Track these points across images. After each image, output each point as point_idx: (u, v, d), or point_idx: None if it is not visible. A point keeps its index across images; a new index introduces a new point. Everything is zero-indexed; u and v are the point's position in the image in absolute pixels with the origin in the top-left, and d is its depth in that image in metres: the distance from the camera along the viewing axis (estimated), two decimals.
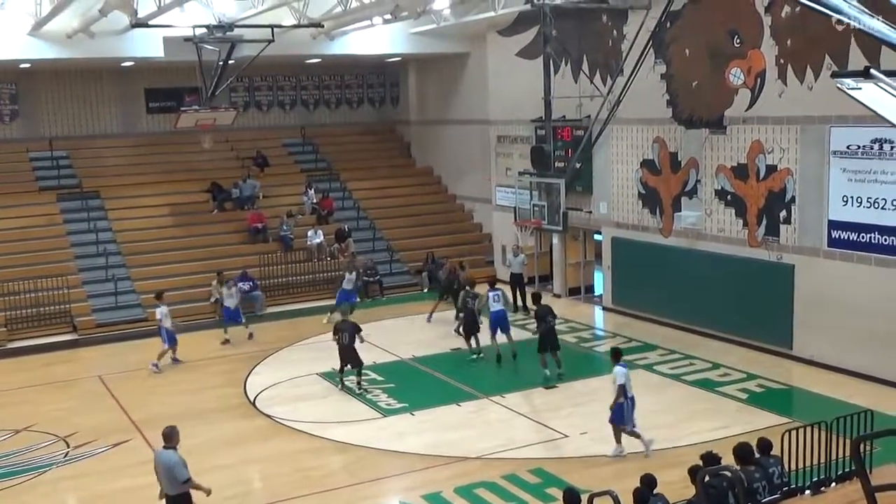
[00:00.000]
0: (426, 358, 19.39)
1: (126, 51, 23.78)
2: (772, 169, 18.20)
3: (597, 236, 23.95)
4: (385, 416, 15.91)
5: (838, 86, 6.12)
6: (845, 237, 16.82)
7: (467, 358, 19.11)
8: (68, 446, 14.99)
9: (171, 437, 10.48)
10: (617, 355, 14.02)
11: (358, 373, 17.17)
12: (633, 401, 13.56)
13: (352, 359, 17.13)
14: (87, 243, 25.51)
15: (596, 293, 24.60)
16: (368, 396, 16.89)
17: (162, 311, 19.40)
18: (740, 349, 18.84)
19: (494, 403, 16.37)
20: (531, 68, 23.92)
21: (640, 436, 13.50)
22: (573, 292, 24.81)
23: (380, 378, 18.03)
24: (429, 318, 22.46)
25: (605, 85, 21.89)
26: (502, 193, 26.95)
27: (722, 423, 14.63)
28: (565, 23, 22.65)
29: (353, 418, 15.76)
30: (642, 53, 19.68)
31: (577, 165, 22.66)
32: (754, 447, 9.91)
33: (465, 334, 19.31)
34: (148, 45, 23.37)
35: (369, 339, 19.53)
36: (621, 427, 13.53)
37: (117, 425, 15.91)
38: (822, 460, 10.85)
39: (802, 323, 17.83)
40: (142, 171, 28.59)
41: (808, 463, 10.80)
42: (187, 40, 21.67)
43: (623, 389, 13.43)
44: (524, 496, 12.34)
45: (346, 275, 23.01)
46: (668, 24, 19.62)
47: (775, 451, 10.14)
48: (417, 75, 32.25)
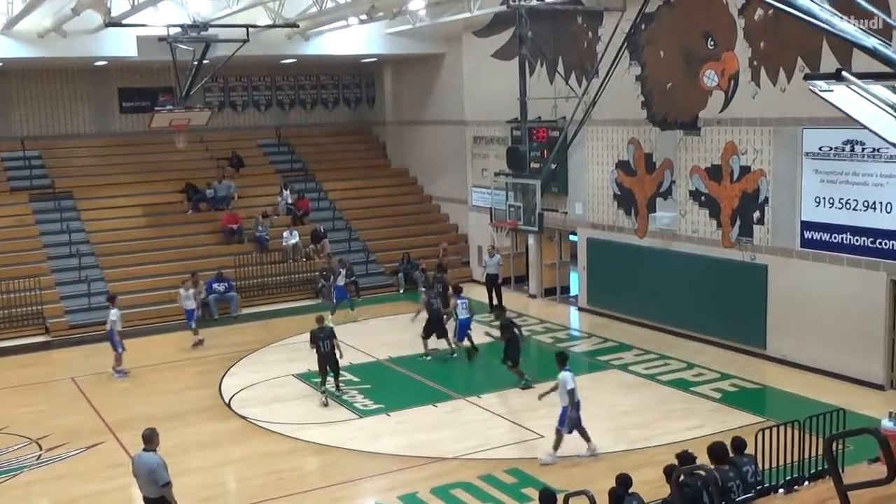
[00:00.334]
0: (402, 359, 19.37)
1: (99, 50, 23.58)
2: (745, 170, 18.36)
3: (572, 237, 24.02)
4: (361, 418, 15.89)
5: (810, 88, 6.18)
6: (818, 238, 16.99)
7: (419, 358, 19.23)
8: (41, 449, 14.84)
9: (151, 439, 10.35)
10: (562, 360, 13.89)
11: (335, 376, 16.92)
12: (579, 405, 13.52)
13: (332, 366, 16.72)
14: (60, 244, 25.28)
15: (571, 294, 24.68)
16: (345, 398, 16.85)
17: (114, 314, 18.69)
18: (714, 349, 18.97)
19: (471, 404, 16.39)
20: (507, 69, 24.00)
21: (560, 441, 13.40)
22: (549, 293, 24.88)
23: (356, 379, 18.00)
24: (414, 317, 22.22)
25: (580, 86, 21.98)
26: (478, 194, 26.99)
27: (696, 422, 14.73)
28: (541, 24, 22.73)
29: (328, 419, 15.72)
30: (617, 55, 19.76)
31: (553, 166, 22.73)
32: (728, 446, 9.97)
33: (426, 333, 19.36)
34: (121, 45, 23.19)
35: (346, 341, 19.53)
36: (560, 429, 13.43)
37: (91, 427, 15.78)
38: (796, 459, 10.93)
39: (775, 323, 18.00)
40: (115, 172, 28.38)
41: (782, 462, 10.88)
42: (161, 40, 21.47)
43: (573, 394, 13.37)
44: (500, 496, 12.36)
45: (340, 269, 23.35)
46: (642, 26, 19.72)
47: (749, 451, 10.20)
48: (393, 76, 32.22)
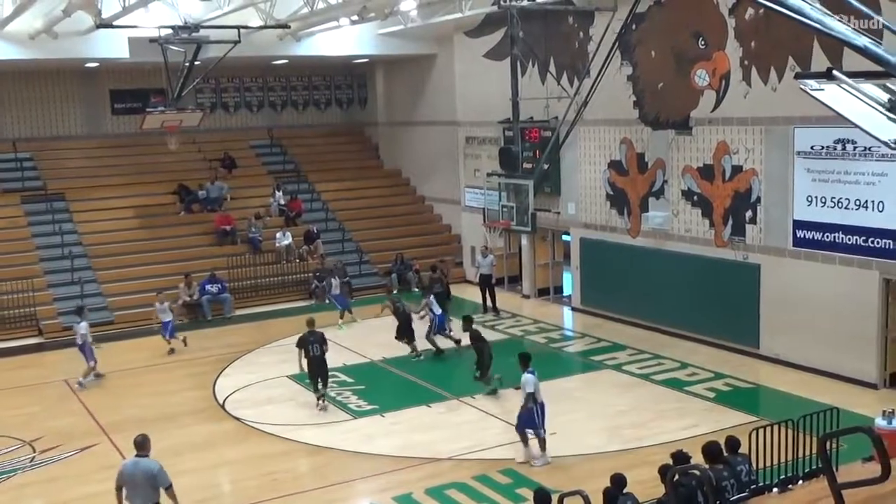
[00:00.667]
0: (396, 359, 19.36)
1: (90, 52, 23.52)
2: (737, 169, 18.40)
3: (565, 237, 24.06)
4: (355, 418, 15.87)
5: (801, 87, 6.20)
6: (810, 237, 17.03)
7: (412, 359, 19.29)
8: (34, 451, 14.80)
9: (144, 445, 10.28)
10: (525, 361, 13.86)
11: (324, 383, 16.40)
12: (544, 406, 13.52)
13: (322, 372, 16.35)
14: (53, 246, 25.22)
15: (565, 294, 24.71)
16: (339, 399, 16.83)
17: (82, 326, 18.41)
18: (708, 348, 19.00)
19: (465, 405, 16.39)
20: (499, 70, 24.01)
21: (545, 445, 13.40)
22: (542, 293, 24.90)
23: (350, 380, 17.99)
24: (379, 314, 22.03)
25: (572, 86, 21.99)
26: (471, 194, 27.00)
27: (690, 421, 14.75)
28: (532, 24, 22.76)
29: (323, 420, 15.70)
30: (608, 55, 19.79)
31: (545, 166, 22.76)
32: (723, 446, 10.00)
33: (401, 337, 19.49)
34: (112, 46, 23.13)
35: (339, 342, 19.54)
36: (534, 429, 13.39)
37: (84, 429, 15.74)
38: (790, 458, 10.97)
39: (768, 322, 18.04)
40: (107, 173, 28.31)
41: (776, 461, 10.92)
42: (152, 41, 21.45)
43: (532, 396, 13.34)
44: (495, 497, 12.37)
45: (332, 280, 23.03)
46: (633, 26, 19.75)
47: (743, 450, 10.24)
48: (385, 77, 32.21)
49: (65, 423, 16.14)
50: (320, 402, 16.21)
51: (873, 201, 15.87)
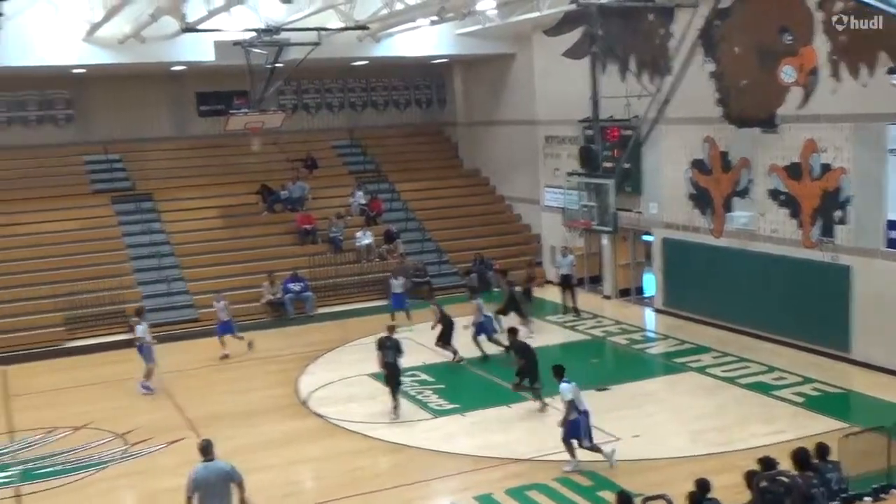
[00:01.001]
0: (477, 359, 19.35)
1: (177, 55, 24.11)
2: (826, 168, 17.90)
3: (646, 237, 23.76)
4: (436, 417, 15.93)
5: (893, 82, 6.01)
6: None
7: (455, 364, 19.11)
8: (126, 443, 15.25)
9: (209, 449, 10.33)
10: (560, 372, 13.60)
11: (395, 391, 16.07)
12: (588, 414, 13.27)
13: (392, 380, 16.08)
14: (141, 245, 25.96)
15: (646, 295, 24.41)
16: (419, 397, 16.93)
17: (142, 328, 18.29)
18: (795, 352, 18.55)
19: (546, 405, 16.29)
20: (578, 68, 23.82)
21: (599, 449, 13.18)
22: (623, 294, 24.65)
23: (430, 379, 18.07)
24: (433, 326, 21.38)
25: (652, 84, 21.72)
26: (550, 194, 26.86)
27: (777, 427, 14.43)
28: (612, 22, 22.51)
29: (403, 419, 15.79)
30: (690, 52, 19.49)
31: (626, 166, 22.53)
32: (811, 452, 9.76)
33: (443, 344, 19.27)
34: (198, 50, 23.66)
35: (420, 341, 19.63)
36: (578, 440, 13.17)
37: (172, 423, 16.16)
38: (883, 466, 10.64)
39: (861, 325, 17.49)
40: (193, 174, 28.98)
41: (868, 469, 10.60)
42: (236, 44, 21.93)
43: (573, 405, 13.12)
44: (576, 499, 12.28)
45: (392, 280, 23.05)
46: (716, 22, 19.40)
47: (833, 457, 9.98)
48: (464, 76, 32.26)
49: (154, 417, 16.60)
50: (394, 412, 15.90)
51: None
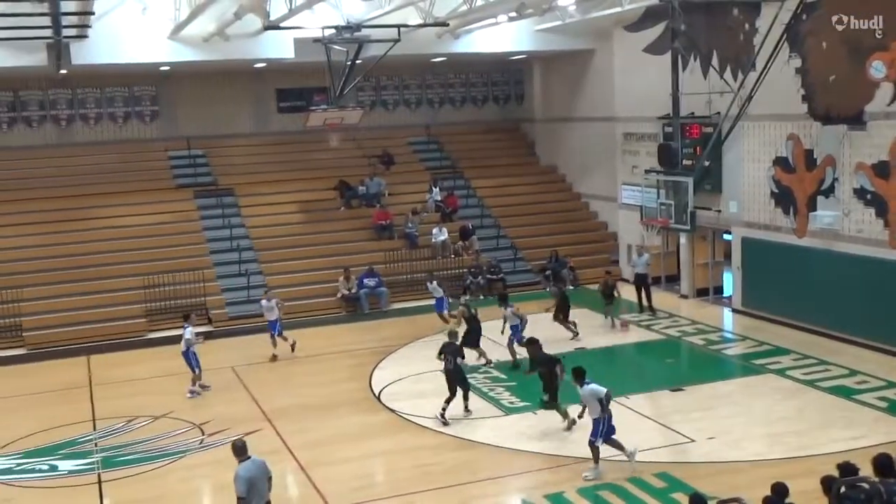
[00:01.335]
0: (507, 365, 19.09)
1: (258, 52, 24.53)
2: None
3: (726, 236, 23.31)
4: (507, 415, 15.90)
5: None
6: None
7: (482, 368, 18.66)
8: (203, 434, 15.59)
9: (245, 448, 10.46)
10: (581, 375, 13.28)
11: (464, 395, 15.79)
12: (610, 417, 12.96)
13: (453, 385, 15.61)
14: (222, 239, 26.49)
15: (725, 294, 23.95)
16: (491, 394, 16.92)
17: (189, 332, 17.85)
18: (880, 355, 18.01)
19: (618, 405, 16.04)
20: (659, 64, 23.50)
21: (598, 454, 12.91)
22: (701, 293, 24.24)
23: (502, 376, 18.04)
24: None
25: (735, 80, 21.30)
26: (628, 192, 26.56)
27: (859, 432, 14.03)
28: (694, 17, 22.14)
29: (475, 416, 15.79)
30: (776, 47, 19.08)
31: (706, 163, 22.15)
32: (895, 459, 9.43)
33: (471, 345, 18.65)
34: (279, 47, 24.05)
35: (493, 338, 19.58)
36: (606, 442, 12.93)
37: (249, 415, 16.46)
38: None
39: None
40: (273, 169, 29.45)
41: None
42: (316, 41, 22.21)
43: (602, 404, 12.86)
44: (649, 500, 12.12)
45: (428, 284, 22.86)
46: (803, 17, 18.92)
47: None
48: (542, 73, 32.09)
49: (231, 408, 16.92)
50: (441, 416, 15.49)
51: None
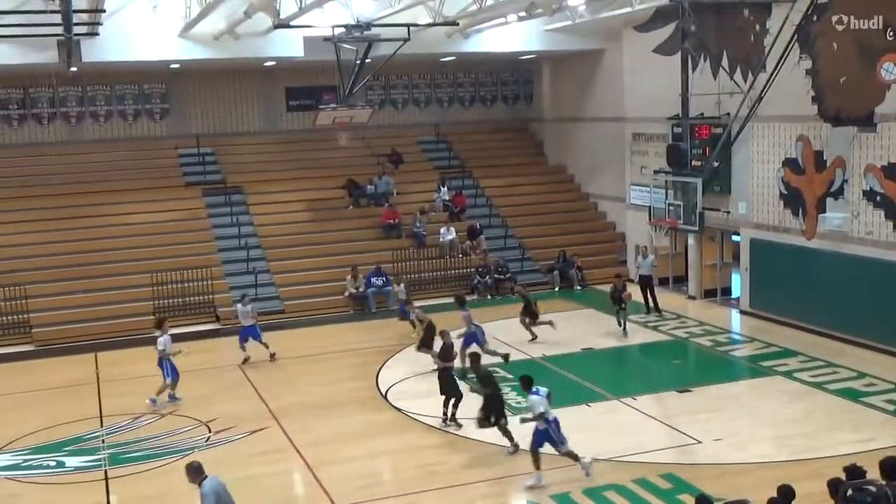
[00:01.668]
0: (556, 357, 19.25)
1: (268, 51, 24.56)
2: None
3: (735, 237, 23.25)
4: (514, 415, 15.79)
5: None
6: None
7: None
8: (209, 431, 15.61)
9: (201, 469, 10.28)
10: (528, 383, 13.13)
11: (454, 406, 15.28)
12: (557, 422, 12.81)
13: (443, 388, 15.37)
14: (230, 237, 26.51)
15: (733, 296, 23.89)
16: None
17: (164, 340, 17.22)
18: (888, 358, 17.94)
19: (625, 405, 16.11)
20: (668, 65, 23.46)
21: (576, 456, 12.80)
22: (709, 294, 24.18)
23: (509, 376, 17.99)
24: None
25: (745, 81, 21.24)
26: (636, 192, 26.49)
27: (866, 434, 13.97)
28: (705, 18, 22.09)
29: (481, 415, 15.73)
30: (786, 48, 19.01)
31: (715, 164, 22.10)
32: None
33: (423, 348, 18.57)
34: (289, 45, 24.07)
35: (501, 338, 19.57)
36: (555, 448, 12.78)
37: (255, 413, 16.47)
38: None
39: None
40: (282, 168, 29.47)
41: None
42: (326, 40, 22.21)
43: (542, 416, 12.70)
44: (654, 501, 12.09)
45: (395, 286, 23.36)
46: (814, 18, 18.85)
47: None
48: (552, 72, 32.05)
49: (237, 406, 16.94)
50: (442, 422, 15.24)
51: None
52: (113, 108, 29.59)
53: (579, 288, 25.91)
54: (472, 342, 18.52)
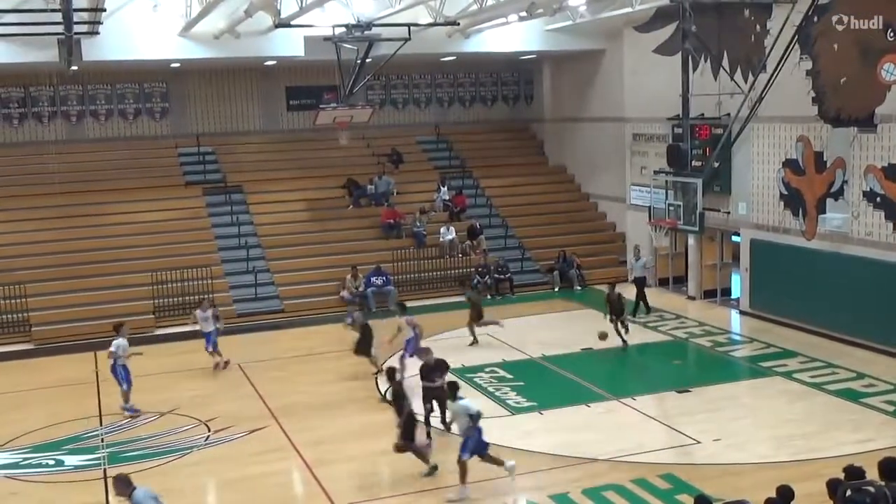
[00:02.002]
0: (556, 357, 19.25)
1: (269, 50, 24.55)
2: None
3: (735, 238, 23.25)
4: (513, 415, 15.88)
5: None
6: None
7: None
8: (209, 430, 15.61)
9: (130, 480, 10.10)
10: (454, 389, 13.01)
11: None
12: (480, 430, 12.65)
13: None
14: (230, 236, 26.52)
15: (732, 296, 23.89)
16: (497, 394, 16.90)
17: (119, 344, 16.39)
18: (887, 359, 17.95)
19: (625, 405, 16.11)
20: (669, 65, 23.44)
21: (500, 461, 12.65)
22: (708, 295, 24.17)
23: (508, 376, 18.02)
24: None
25: (746, 82, 21.23)
26: (637, 192, 26.49)
27: (865, 435, 13.97)
28: (705, 18, 22.08)
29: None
30: (787, 49, 19.00)
31: (716, 165, 22.09)
32: None
33: (361, 352, 18.42)
34: (289, 45, 24.06)
35: (498, 337, 19.56)
36: (482, 459, 12.60)
37: (255, 412, 16.46)
38: None
39: None
40: (282, 167, 29.46)
41: None
42: (327, 39, 22.22)
43: (479, 414, 12.60)
44: (653, 501, 12.08)
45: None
46: (814, 18, 18.84)
47: None
48: (552, 73, 32.05)
49: (237, 405, 16.94)
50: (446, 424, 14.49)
51: None
52: (113, 107, 29.59)
53: (579, 288, 25.91)
54: (409, 349, 17.94)
